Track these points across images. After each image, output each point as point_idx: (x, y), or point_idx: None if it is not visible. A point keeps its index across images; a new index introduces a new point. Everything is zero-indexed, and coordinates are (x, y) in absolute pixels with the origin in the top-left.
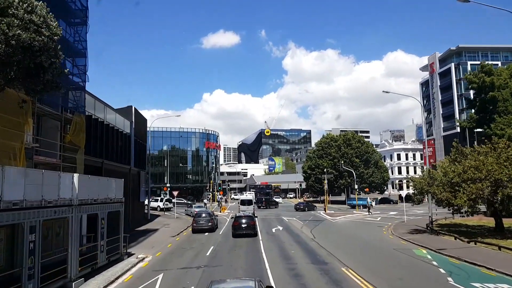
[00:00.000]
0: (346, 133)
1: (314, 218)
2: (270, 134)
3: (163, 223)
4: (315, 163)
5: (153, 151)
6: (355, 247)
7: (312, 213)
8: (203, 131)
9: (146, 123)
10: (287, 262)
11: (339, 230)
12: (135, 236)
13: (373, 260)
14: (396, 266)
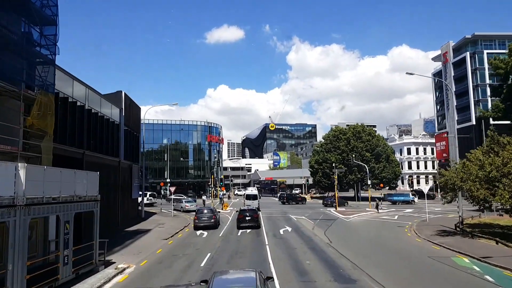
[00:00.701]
0: (355, 126)
1: (325, 217)
2: (274, 129)
3: (157, 222)
4: (323, 157)
5: (153, 145)
6: (381, 255)
7: (321, 210)
8: (205, 124)
9: (139, 112)
10: (303, 278)
11: (356, 231)
12: (122, 238)
13: (410, 274)
14: (444, 285)
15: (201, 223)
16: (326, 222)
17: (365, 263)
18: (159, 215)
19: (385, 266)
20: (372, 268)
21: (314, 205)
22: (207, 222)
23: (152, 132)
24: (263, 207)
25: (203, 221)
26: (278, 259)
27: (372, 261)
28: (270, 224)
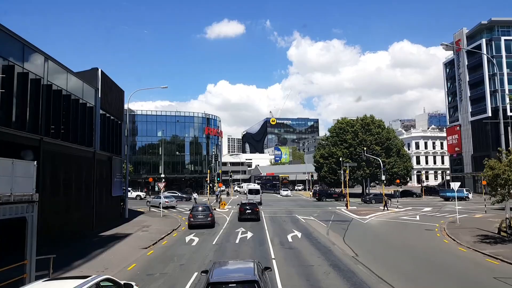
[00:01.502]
0: (364, 117)
1: (337, 218)
2: (275, 123)
3: (142, 223)
4: (329, 152)
5: (147, 137)
6: (430, 276)
7: (329, 209)
8: (203, 115)
9: (122, 96)
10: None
11: (380, 238)
12: (91, 246)
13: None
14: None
15: (196, 221)
16: (340, 224)
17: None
18: (147, 215)
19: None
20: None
21: (320, 203)
22: (203, 221)
23: (146, 124)
24: (264, 205)
25: (199, 219)
26: (292, 287)
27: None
28: (275, 227)
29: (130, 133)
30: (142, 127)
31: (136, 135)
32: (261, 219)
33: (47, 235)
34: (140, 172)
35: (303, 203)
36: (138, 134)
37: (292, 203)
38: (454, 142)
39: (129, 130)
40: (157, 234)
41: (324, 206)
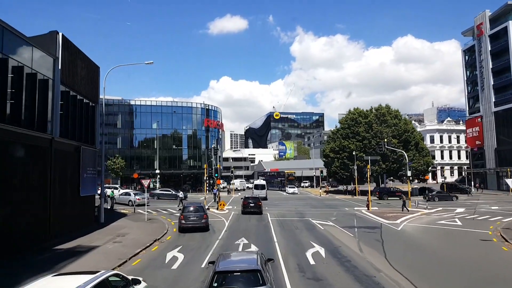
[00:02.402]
0: (379, 107)
1: (362, 223)
2: (279, 118)
3: (118, 231)
4: (340, 145)
5: (141, 130)
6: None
7: (347, 210)
8: (202, 106)
9: (96, 73)
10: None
11: (432, 254)
12: (28, 269)
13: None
14: None
15: (188, 223)
16: (370, 233)
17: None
18: (129, 218)
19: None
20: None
21: (332, 202)
22: (196, 223)
23: (139, 116)
24: (270, 204)
25: (191, 221)
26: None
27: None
28: (287, 238)
29: (128, 125)
30: (134, 118)
31: (133, 128)
32: (269, 225)
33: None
34: (133, 167)
35: (313, 203)
36: (129, 126)
37: (301, 202)
38: (475, 135)
39: (126, 122)
40: (131, 247)
41: (339, 206)
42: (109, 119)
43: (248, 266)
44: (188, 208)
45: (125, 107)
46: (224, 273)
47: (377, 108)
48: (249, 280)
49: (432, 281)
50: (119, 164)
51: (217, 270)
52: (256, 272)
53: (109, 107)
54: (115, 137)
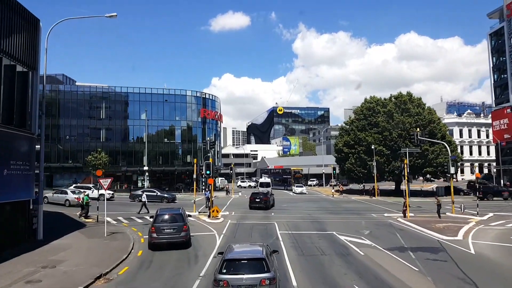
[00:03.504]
0: (399, 94)
1: (410, 240)
2: (283, 113)
3: (53, 256)
4: (355, 138)
5: (127, 120)
6: None
7: (375, 217)
8: (198, 94)
9: (35, 29)
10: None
11: None
12: None
13: None
14: None
15: (162, 238)
16: (435, 261)
17: None
18: (84, 232)
19: None
20: None
21: (352, 204)
22: (173, 236)
23: (126, 104)
24: (276, 208)
25: (165, 234)
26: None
27: None
28: (313, 277)
29: (113, 116)
30: (120, 107)
31: (120, 118)
32: (279, 245)
33: None
34: (119, 163)
35: (328, 206)
36: (115, 116)
37: (313, 205)
38: (503, 128)
39: (111, 112)
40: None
41: (362, 211)
42: (92, 110)
43: (254, 255)
44: (161, 217)
45: (110, 95)
46: (233, 260)
47: (397, 96)
48: (255, 267)
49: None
50: (102, 159)
51: (226, 258)
52: (261, 261)
53: (92, 96)
54: (98, 129)
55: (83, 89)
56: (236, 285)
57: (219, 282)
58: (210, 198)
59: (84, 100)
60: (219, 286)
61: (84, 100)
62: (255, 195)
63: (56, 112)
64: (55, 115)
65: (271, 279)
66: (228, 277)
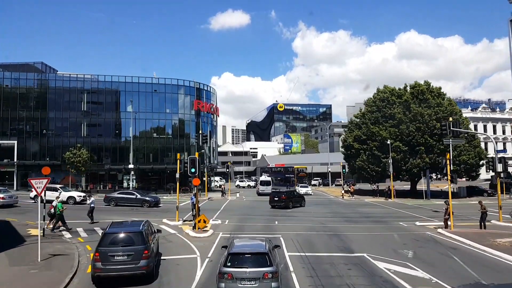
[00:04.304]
0: (415, 84)
1: (481, 270)
2: (283, 110)
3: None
4: (367, 132)
5: (111, 113)
6: None
7: (405, 227)
8: (191, 84)
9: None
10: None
11: None
12: None
13: None
14: None
15: (111, 269)
16: None
17: None
18: (15, 252)
19: None
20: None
21: (369, 209)
22: (129, 267)
23: (110, 95)
24: (281, 215)
25: (116, 263)
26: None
27: None
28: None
29: (96, 108)
30: (104, 99)
31: (103, 111)
32: (288, 274)
33: None
34: (102, 161)
35: (342, 210)
36: (98, 108)
37: (324, 210)
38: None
39: (93, 103)
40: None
41: (385, 218)
42: (73, 101)
43: (257, 250)
44: (110, 237)
45: (92, 84)
46: (237, 254)
47: (414, 86)
48: (258, 261)
49: None
50: (82, 156)
51: (231, 252)
52: (264, 255)
53: (73, 86)
54: (80, 123)
55: (63, 78)
56: (240, 277)
57: (224, 275)
58: (196, 204)
59: (64, 90)
60: (224, 278)
61: (63, 91)
62: (274, 194)
63: (32, 104)
64: (31, 107)
65: (274, 272)
66: (232, 270)
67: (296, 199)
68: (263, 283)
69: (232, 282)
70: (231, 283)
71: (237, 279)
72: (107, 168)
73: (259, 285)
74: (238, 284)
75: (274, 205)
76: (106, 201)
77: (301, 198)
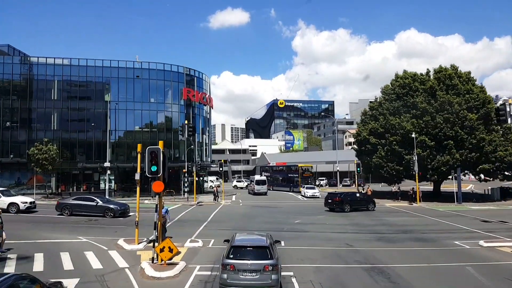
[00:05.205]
0: (440, 68)
1: None
2: (284, 106)
3: None
4: (386, 125)
5: (86, 102)
6: None
7: (467, 248)
8: (181, 70)
9: None
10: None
11: None
12: None
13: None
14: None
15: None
16: None
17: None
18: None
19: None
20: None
21: (397, 217)
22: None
23: (87, 82)
24: (288, 230)
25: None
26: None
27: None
28: None
29: (69, 97)
30: (76, 86)
31: (77, 100)
32: None
33: None
34: (76, 159)
35: (364, 220)
36: (68, 97)
37: (342, 220)
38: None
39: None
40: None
41: (430, 234)
42: (42, 89)
43: (259, 243)
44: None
45: (64, 70)
46: (239, 247)
47: (438, 70)
48: (260, 254)
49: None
50: (50, 153)
51: (234, 245)
52: (265, 249)
53: (41, 72)
54: (49, 115)
55: (31, 61)
56: (242, 269)
57: (226, 266)
58: (158, 224)
59: (31, 76)
60: (226, 270)
61: (30, 76)
62: (331, 195)
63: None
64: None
65: (274, 265)
66: (234, 262)
67: (358, 202)
68: (264, 275)
69: (234, 273)
70: (233, 274)
71: (239, 271)
72: (81, 166)
73: (259, 277)
74: (240, 275)
75: (330, 208)
76: (58, 208)
77: (366, 201)
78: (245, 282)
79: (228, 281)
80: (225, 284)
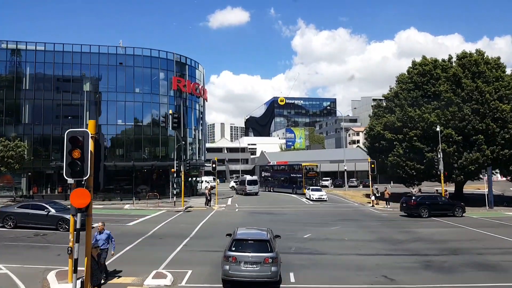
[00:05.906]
0: (463, 54)
1: None
2: (284, 104)
3: None
4: (403, 117)
5: (63, 94)
6: None
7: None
8: (170, 57)
9: None
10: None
11: None
12: None
13: None
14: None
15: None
16: None
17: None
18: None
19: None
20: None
21: (432, 231)
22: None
23: (62, 68)
24: (297, 252)
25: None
26: None
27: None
28: None
29: (43, 86)
30: (51, 74)
31: (63, 90)
32: None
33: None
34: (50, 157)
35: (388, 232)
36: (40, 87)
37: (360, 231)
38: None
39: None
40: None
41: (484, 253)
42: (11, 77)
43: (260, 237)
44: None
45: (37, 56)
46: (241, 240)
47: (462, 56)
48: (260, 247)
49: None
50: (18, 149)
51: (236, 238)
52: (266, 242)
53: (11, 57)
54: (18, 106)
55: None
56: (243, 261)
57: (229, 258)
58: (85, 260)
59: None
60: (229, 261)
61: None
62: (406, 199)
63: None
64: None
65: (274, 258)
66: (236, 254)
67: (439, 206)
68: (264, 267)
69: (236, 265)
70: (235, 265)
71: (240, 262)
72: (55, 165)
73: (260, 269)
74: (241, 266)
75: (407, 213)
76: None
77: (451, 205)
78: (246, 274)
79: (230, 272)
80: (227, 275)
